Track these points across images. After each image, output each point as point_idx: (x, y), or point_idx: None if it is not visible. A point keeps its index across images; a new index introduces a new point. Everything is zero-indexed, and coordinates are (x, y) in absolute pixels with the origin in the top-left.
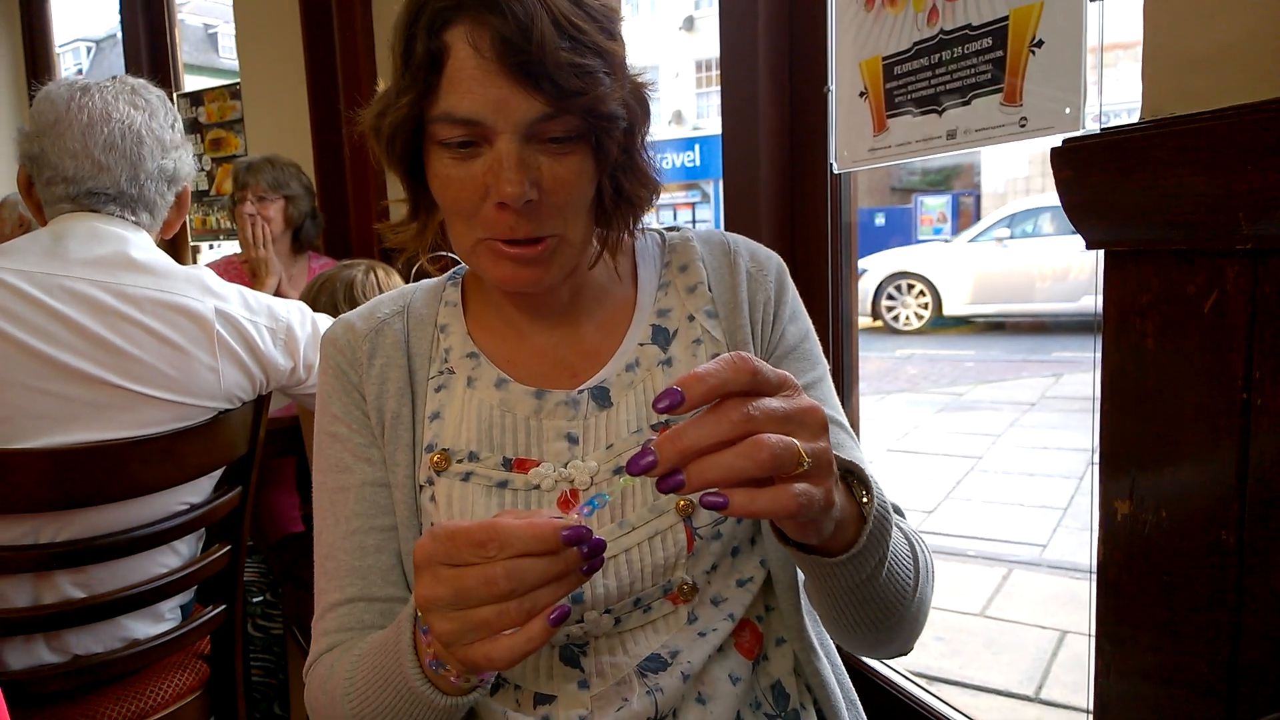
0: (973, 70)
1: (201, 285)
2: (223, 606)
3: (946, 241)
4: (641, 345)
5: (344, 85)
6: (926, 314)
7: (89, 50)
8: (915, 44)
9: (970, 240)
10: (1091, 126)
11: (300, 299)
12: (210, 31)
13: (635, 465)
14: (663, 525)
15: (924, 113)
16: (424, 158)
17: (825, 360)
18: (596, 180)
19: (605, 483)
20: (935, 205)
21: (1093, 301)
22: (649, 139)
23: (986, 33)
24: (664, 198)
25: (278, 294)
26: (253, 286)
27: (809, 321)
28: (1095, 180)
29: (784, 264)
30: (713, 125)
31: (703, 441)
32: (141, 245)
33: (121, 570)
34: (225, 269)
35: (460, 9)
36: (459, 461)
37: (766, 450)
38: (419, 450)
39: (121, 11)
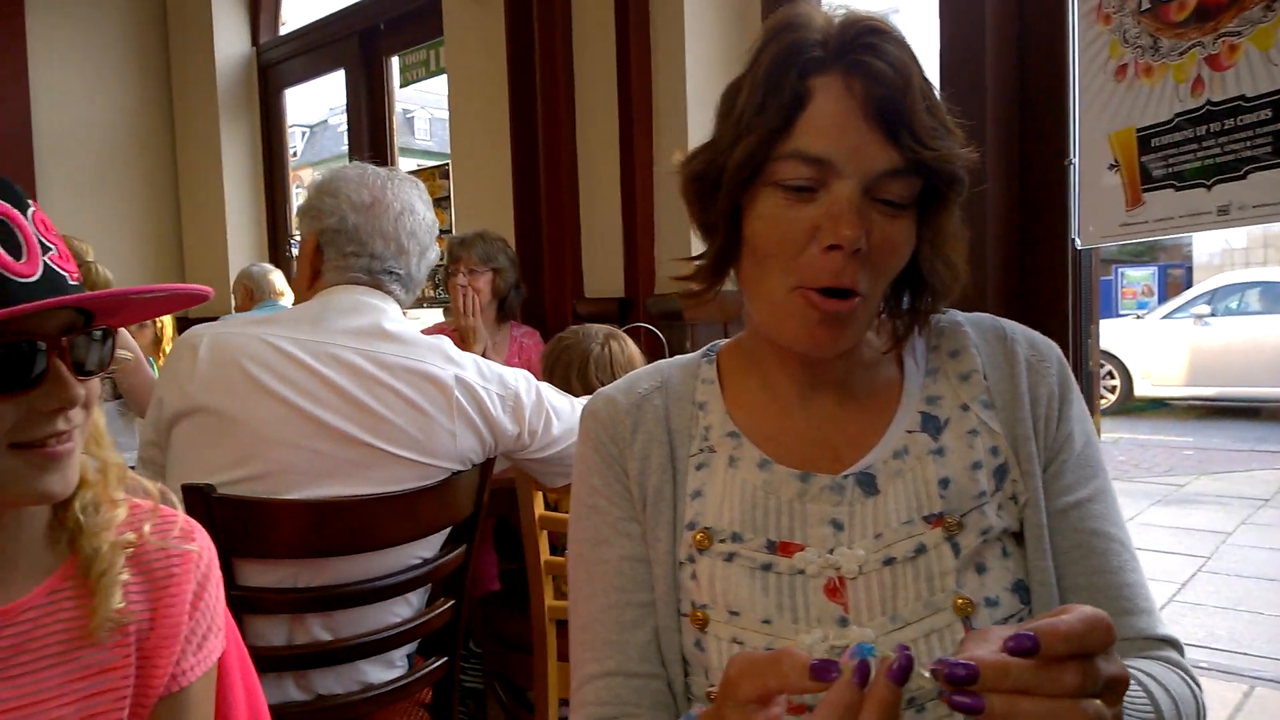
0: (1248, 143)
1: (443, 354)
2: (445, 658)
3: (1139, 318)
4: (910, 432)
5: (544, 167)
6: (1114, 396)
7: (303, 135)
8: (1177, 115)
9: (1164, 317)
10: None
11: (542, 360)
12: (408, 116)
13: (958, 703)
14: (939, 624)
15: (1188, 187)
16: (744, 204)
17: (1106, 467)
18: (913, 252)
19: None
20: (1139, 278)
21: None
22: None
23: (1264, 104)
24: None
25: None
26: None
27: (1091, 422)
28: None
29: (1064, 355)
30: None
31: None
32: (393, 317)
33: (363, 617)
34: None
35: (837, 58)
36: (721, 541)
37: (1080, 718)
38: (680, 527)
39: (347, 100)
